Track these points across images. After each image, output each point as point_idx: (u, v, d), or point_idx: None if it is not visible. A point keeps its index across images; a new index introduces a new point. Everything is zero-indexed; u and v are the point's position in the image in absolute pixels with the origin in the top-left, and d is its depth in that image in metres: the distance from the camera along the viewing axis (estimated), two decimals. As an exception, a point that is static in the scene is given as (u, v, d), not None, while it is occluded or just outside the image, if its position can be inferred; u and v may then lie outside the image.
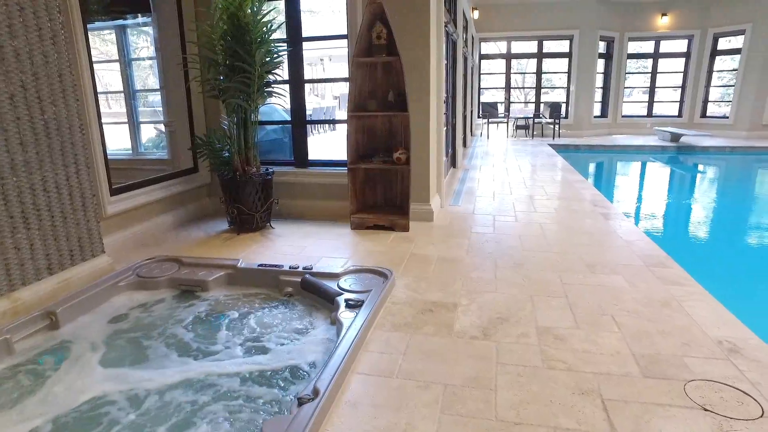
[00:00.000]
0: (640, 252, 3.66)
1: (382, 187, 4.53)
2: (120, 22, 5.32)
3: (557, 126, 12.37)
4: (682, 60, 13.36)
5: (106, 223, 3.62)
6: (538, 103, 13.61)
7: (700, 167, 10.25)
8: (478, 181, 6.65)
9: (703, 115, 13.31)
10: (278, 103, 4.75)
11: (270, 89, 4.26)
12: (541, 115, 12.76)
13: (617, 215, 4.75)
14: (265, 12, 3.93)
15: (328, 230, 4.30)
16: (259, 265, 3.33)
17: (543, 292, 2.92)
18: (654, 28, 12.95)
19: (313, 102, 18.14)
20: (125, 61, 5.56)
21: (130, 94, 5.51)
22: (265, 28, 3.96)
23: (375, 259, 3.54)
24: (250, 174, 4.22)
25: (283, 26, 4.48)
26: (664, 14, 12.72)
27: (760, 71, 11.95)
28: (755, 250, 5.07)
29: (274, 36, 4.13)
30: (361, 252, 3.73)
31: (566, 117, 13.07)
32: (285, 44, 4.52)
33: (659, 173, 9.93)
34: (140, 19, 5.54)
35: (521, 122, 12.82)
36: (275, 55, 4.08)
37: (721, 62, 13.00)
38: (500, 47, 14.01)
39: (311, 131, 14.67)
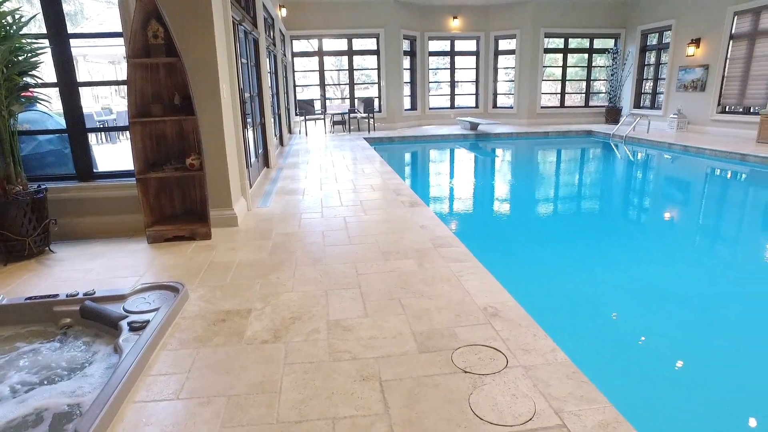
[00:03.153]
0: (431, 235, 4.04)
1: (180, 196, 4.27)
2: None
3: (372, 120, 13.01)
4: (474, 58, 15.07)
5: None
6: (352, 98, 14.15)
7: (493, 151, 11.70)
8: (291, 179, 6.68)
9: (494, 106, 15.24)
10: (46, 111, 4.16)
11: (29, 94, 3.70)
12: (356, 110, 13.29)
13: (417, 203, 5.17)
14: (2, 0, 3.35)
15: (121, 247, 3.92)
16: (27, 299, 2.88)
17: (338, 285, 3.04)
18: (448, 29, 14.36)
19: (120, 105, 16.33)
20: None
21: None
22: (9, 20, 3.39)
23: (171, 274, 3.33)
24: (13, 193, 3.63)
25: (41, 20, 3.92)
26: (455, 17, 14.17)
27: (529, 69, 14.12)
28: (528, 224, 5.98)
29: (27, 30, 3.58)
30: (157, 267, 3.48)
31: (380, 111, 13.83)
32: (47, 41, 3.95)
33: (459, 159, 11.11)
34: None
35: (338, 118, 13.19)
36: (28, 54, 3.54)
37: (505, 60, 14.95)
38: (313, 45, 14.21)
39: (118, 138, 13.21)
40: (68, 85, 4.10)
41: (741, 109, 10.72)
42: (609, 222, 5.99)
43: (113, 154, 10.14)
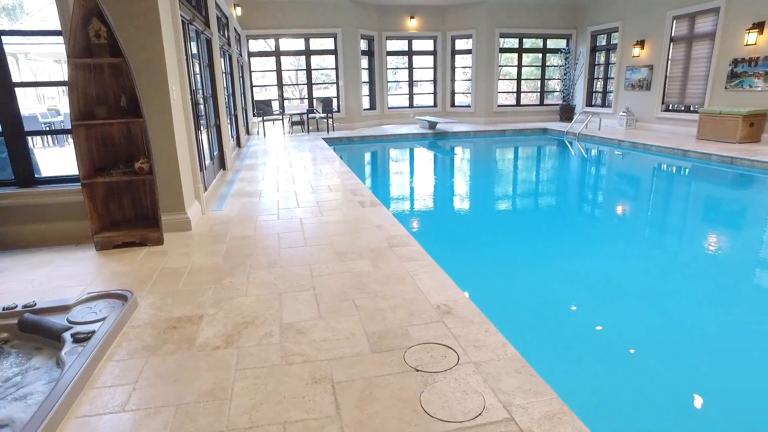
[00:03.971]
0: (387, 235, 4.05)
1: (130, 201, 4.14)
2: None
3: (331, 120, 12.96)
4: (431, 57, 15.22)
5: None
6: (311, 98, 14.04)
7: (451, 150, 11.84)
8: (248, 181, 6.58)
9: (452, 104, 15.44)
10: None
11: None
12: (315, 111, 13.19)
13: (374, 202, 5.18)
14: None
15: (68, 256, 3.76)
16: (-41, 313, 2.73)
17: (293, 287, 3.02)
18: (406, 29, 14.45)
19: (68, 106, 15.70)
20: None
21: None
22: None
23: (121, 281, 3.22)
24: (-54, 201, 3.43)
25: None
26: (412, 17, 14.27)
27: (485, 68, 14.39)
28: (483, 221, 6.09)
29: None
30: (106, 275, 3.36)
31: (339, 111, 13.77)
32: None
33: (418, 158, 11.19)
34: None
35: (296, 118, 13.07)
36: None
37: (462, 59, 15.15)
38: (270, 44, 14.01)
39: (66, 141, 12.69)
40: (2, 86, 3.90)
41: (682, 108, 11.25)
42: (562, 218, 6.17)
43: (61, 158, 9.72)
